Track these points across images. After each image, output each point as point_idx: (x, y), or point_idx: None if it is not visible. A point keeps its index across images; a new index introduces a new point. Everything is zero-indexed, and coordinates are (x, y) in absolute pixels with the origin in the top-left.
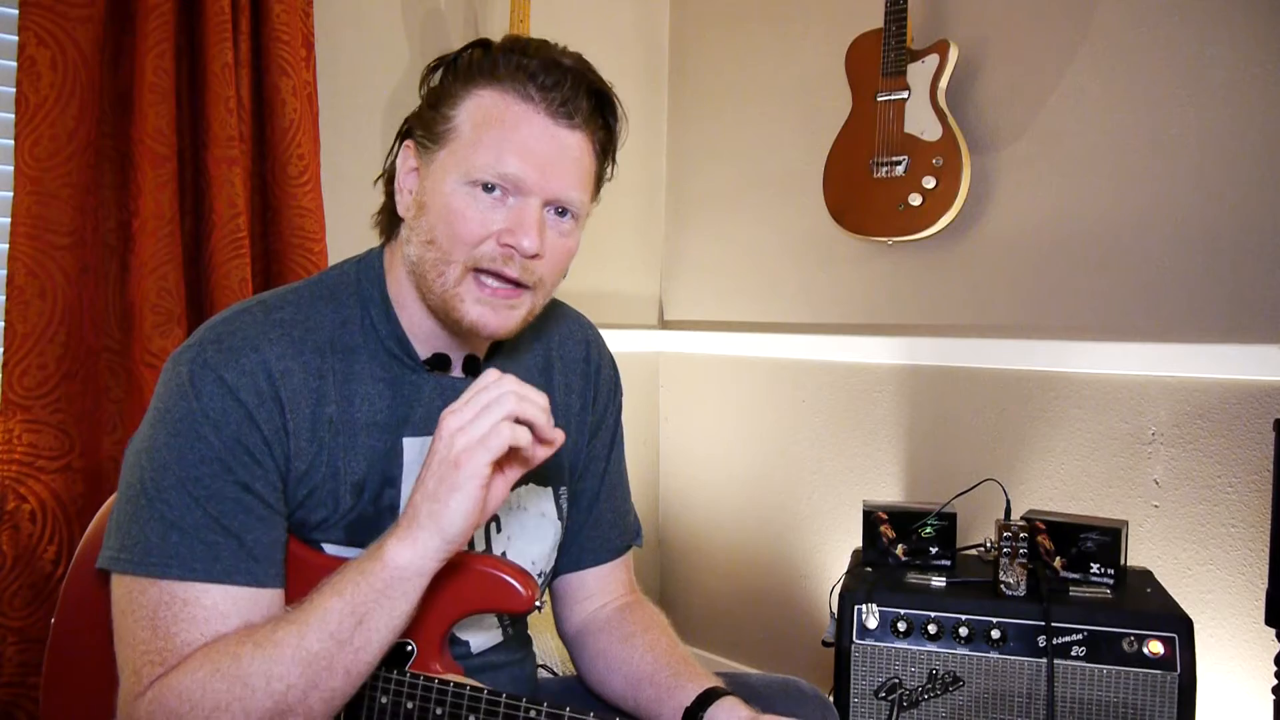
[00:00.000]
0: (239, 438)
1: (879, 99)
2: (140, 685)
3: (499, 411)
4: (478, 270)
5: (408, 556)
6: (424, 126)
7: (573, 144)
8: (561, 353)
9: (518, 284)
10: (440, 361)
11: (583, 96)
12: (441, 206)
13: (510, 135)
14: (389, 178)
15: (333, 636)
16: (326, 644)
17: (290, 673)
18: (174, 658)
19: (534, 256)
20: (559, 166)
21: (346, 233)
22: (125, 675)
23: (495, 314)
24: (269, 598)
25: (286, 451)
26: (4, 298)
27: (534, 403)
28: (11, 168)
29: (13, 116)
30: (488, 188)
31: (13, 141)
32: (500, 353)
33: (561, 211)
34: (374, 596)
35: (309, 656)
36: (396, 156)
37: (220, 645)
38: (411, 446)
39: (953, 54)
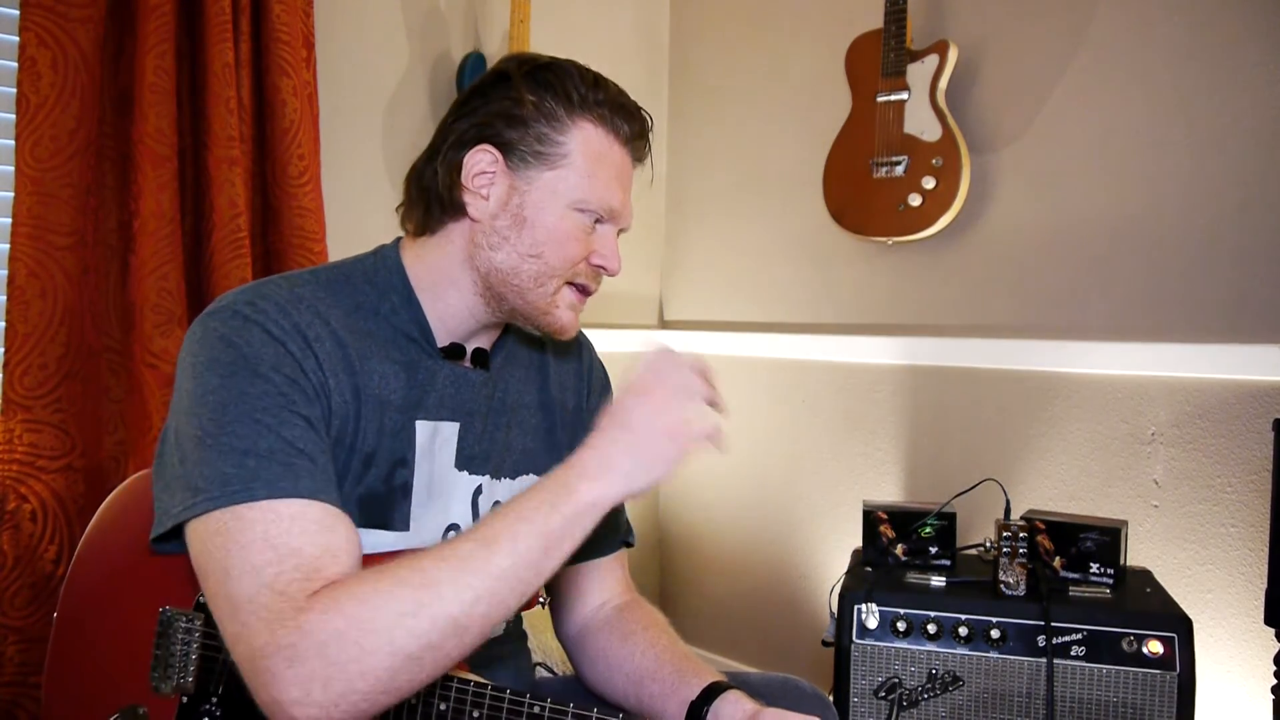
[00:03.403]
0: (294, 379)
1: (879, 99)
2: (293, 601)
3: (704, 398)
4: (570, 284)
5: (598, 493)
6: (521, 140)
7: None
8: (556, 351)
9: (589, 293)
10: (455, 351)
11: (648, 143)
12: (552, 227)
13: (614, 174)
14: (449, 171)
15: (522, 558)
16: (516, 564)
17: (481, 584)
18: (315, 573)
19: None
20: (630, 201)
21: (347, 233)
22: (259, 600)
23: (575, 317)
24: (349, 521)
25: (329, 404)
26: (5, 298)
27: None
28: (12, 168)
29: (13, 117)
30: (587, 214)
31: (13, 142)
32: (503, 348)
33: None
34: (563, 525)
35: (499, 572)
36: (463, 155)
37: (392, 564)
38: (424, 429)
39: (952, 54)
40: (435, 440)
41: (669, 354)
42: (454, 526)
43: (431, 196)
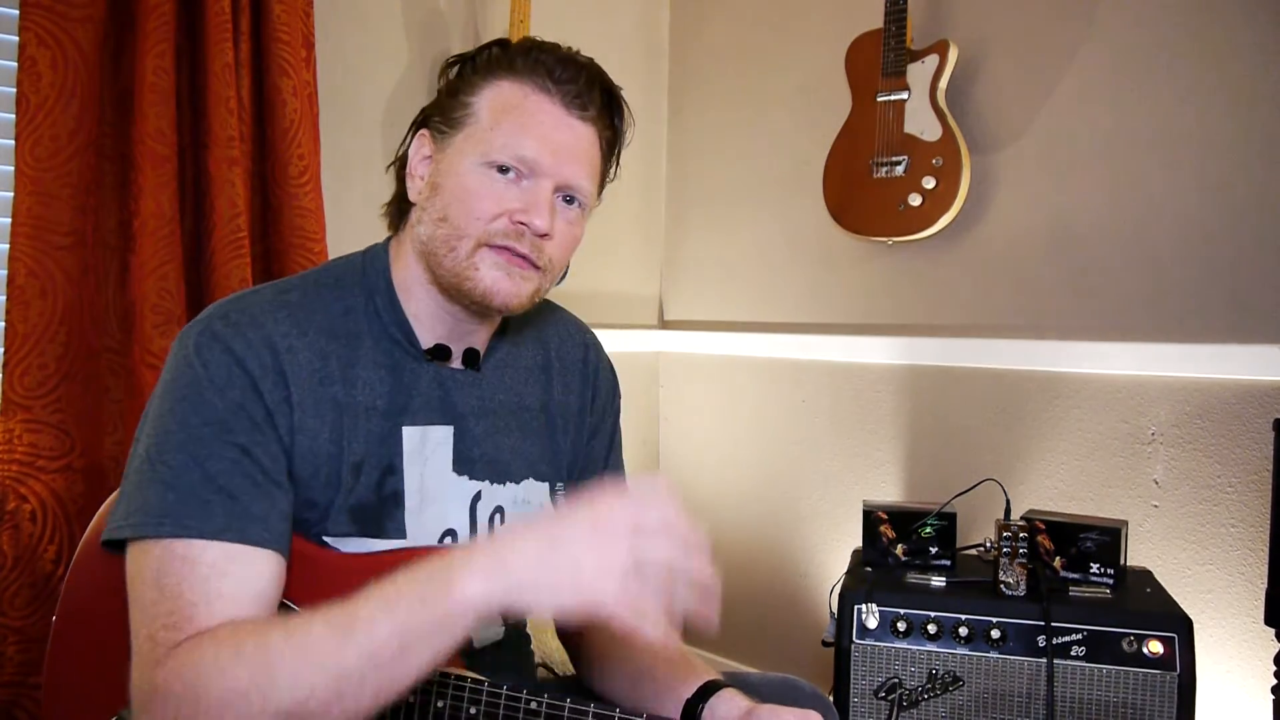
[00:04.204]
0: (241, 403)
1: (879, 99)
2: (158, 652)
3: (668, 555)
4: (490, 246)
5: (480, 597)
6: (440, 114)
7: (584, 135)
8: (560, 354)
9: (528, 261)
10: (440, 352)
11: (595, 91)
12: (456, 185)
13: (528, 121)
14: (400, 166)
15: (372, 657)
16: (363, 663)
17: (318, 680)
18: (185, 622)
19: (544, 236)
20: (571, 154)
21: (346, 233)
22: (140, 641)
23: (509, 280)
24: (265, 559)
25: (291, 424)
26: (4, 298)
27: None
28: (12, 168)
29: (13, 116)
30: (503, 169)
31: (13, 142)
32: (500, 350)
33: (569, 199)
34: (428, 627)
35: (341, 670)
36: (409, 145)
37: (246, 627)
38: (411, 435)
39: (953, 54)
40: (426, 445)
41: (663, 490)
42: (450, 532)
43: (396, 194)
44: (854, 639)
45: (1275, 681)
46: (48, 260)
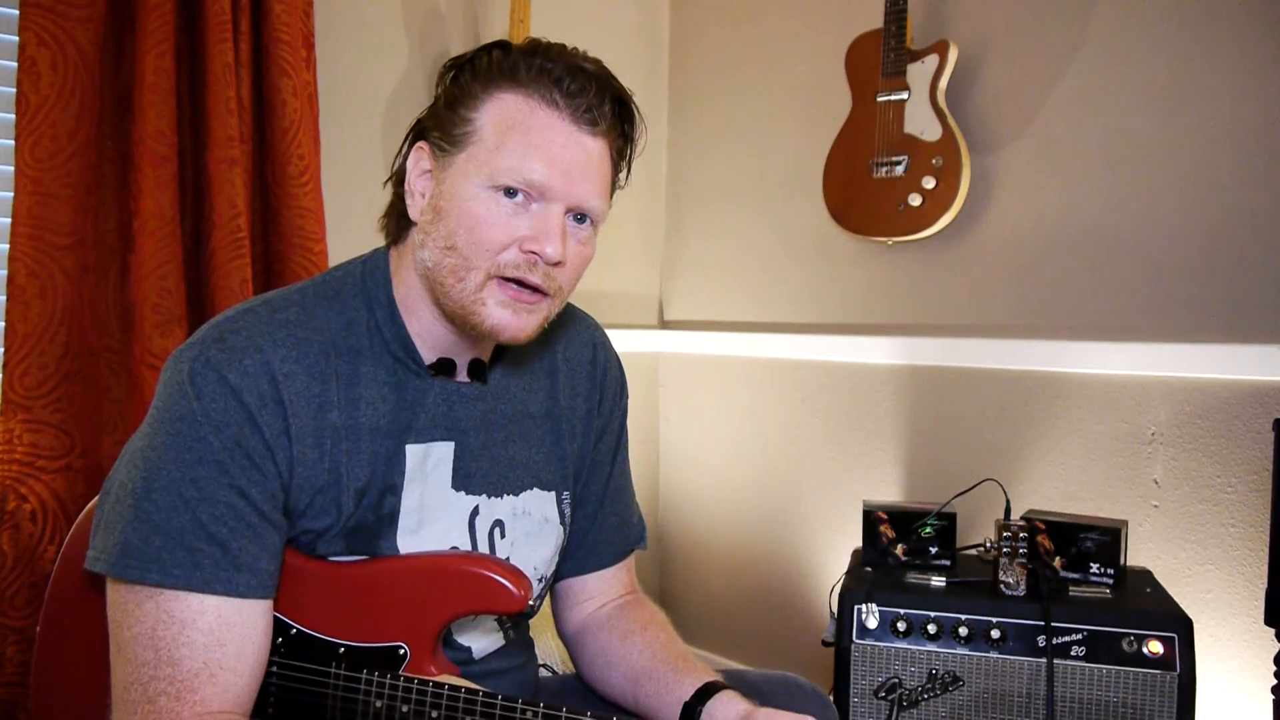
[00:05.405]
0: (239, 440)
1: (879, 99)
2: (158, 715)
3: None
4: (501, 278)
5: None
6: (440, 128)
7: (595, 151)
8: (567, 355)
9: (539, 290)
10: (445, 366)
11: (606, 103)
12: (462, 211)
13: (535, 140)
14: (398, 179)
15: None
16: None
17: None
18: (188, 692)
19: (557, 264)
20: (582, 173)
21: (346, 233)
22: (132, 695)
23: (516, 317)
24: (256, 611)
25: (289, 457)
26: (4, 298)
27: None
28: (12, 168)
29: (13, 117)
30: (510, 193)
31: (13, 142)
32: (505, 357)
33: (580, 218)
34: None
35: None
36: (407, 158)
37: None
38: (414, 453)
39: (952, 54)
40: (427, 462)
41: None
42: (453, 549)
43: (394, 206)
44: (854, 639)
45: (1275, 681)
46: (48, 260)
